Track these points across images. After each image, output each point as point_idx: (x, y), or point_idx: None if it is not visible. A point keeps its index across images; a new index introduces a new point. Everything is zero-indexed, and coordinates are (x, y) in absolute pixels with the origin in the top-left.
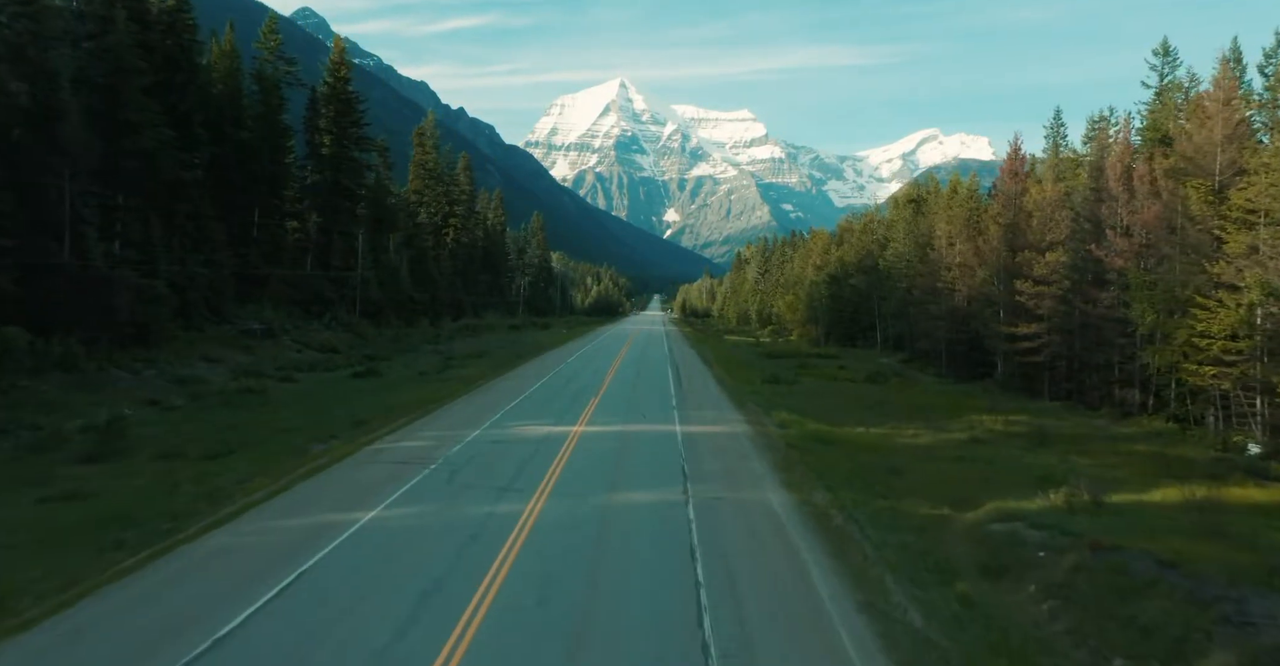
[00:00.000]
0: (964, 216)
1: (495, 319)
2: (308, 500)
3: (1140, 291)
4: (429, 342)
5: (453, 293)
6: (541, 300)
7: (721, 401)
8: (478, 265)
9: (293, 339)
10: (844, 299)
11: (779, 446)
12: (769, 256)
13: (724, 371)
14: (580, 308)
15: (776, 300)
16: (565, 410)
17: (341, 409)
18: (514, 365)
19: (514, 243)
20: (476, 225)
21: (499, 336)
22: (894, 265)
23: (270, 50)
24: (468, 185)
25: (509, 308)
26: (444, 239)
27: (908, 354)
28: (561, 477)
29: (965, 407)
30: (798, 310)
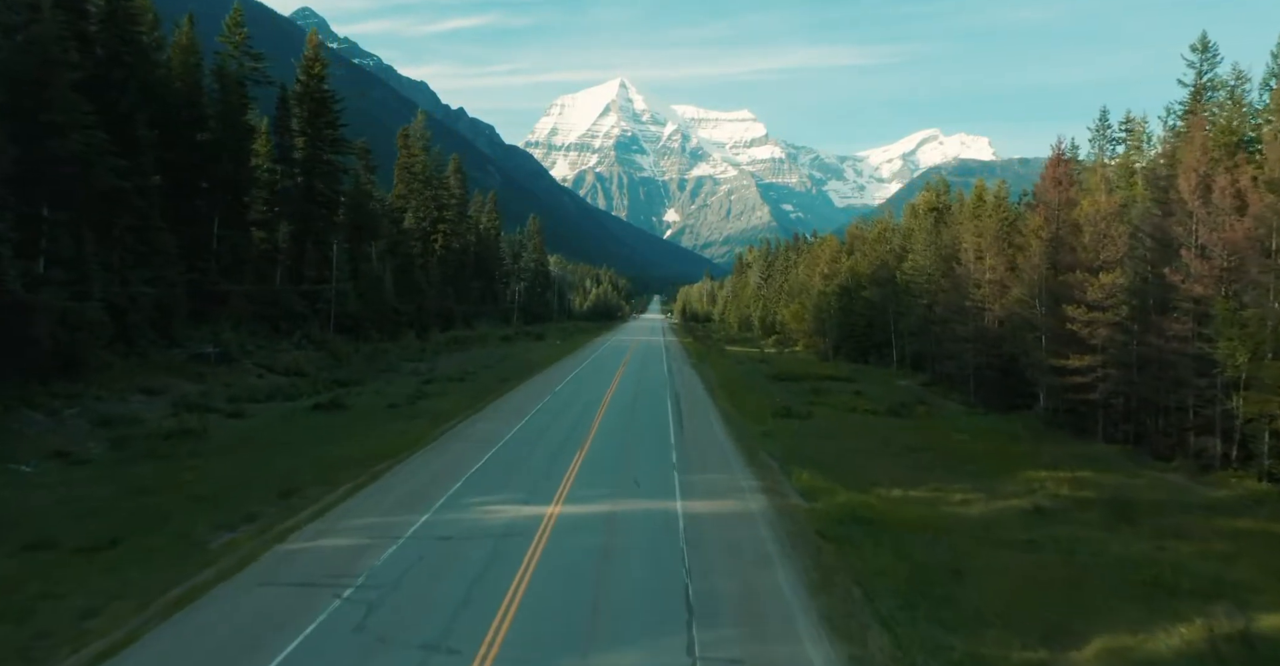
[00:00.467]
0: (995, 228)
1: (488, 328)
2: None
3: (1230, 327)
4: (412, 359)
5: (442, 302)
6: (538, 305)
7: (729, 452)
8: (469, 272)
9: (255, 362)
10: (856, 312)
11: (808, 535)
12: (771, 261)
13: (730, 402)
14: (579, 311)
15: (780, 308)
16: (543, 474)
17: (283, 459)
18: (496, 393)
19: (510, 246)
20: (468, 230)
21: (489, 350)
22: (913, 279)
23: (235, 45)
24: (459, 188)
25: (503, 315)
26: (432, 245)
27: (929, 376)
28: (518, 620)
29: (1011, 455)
30: (804, 320)
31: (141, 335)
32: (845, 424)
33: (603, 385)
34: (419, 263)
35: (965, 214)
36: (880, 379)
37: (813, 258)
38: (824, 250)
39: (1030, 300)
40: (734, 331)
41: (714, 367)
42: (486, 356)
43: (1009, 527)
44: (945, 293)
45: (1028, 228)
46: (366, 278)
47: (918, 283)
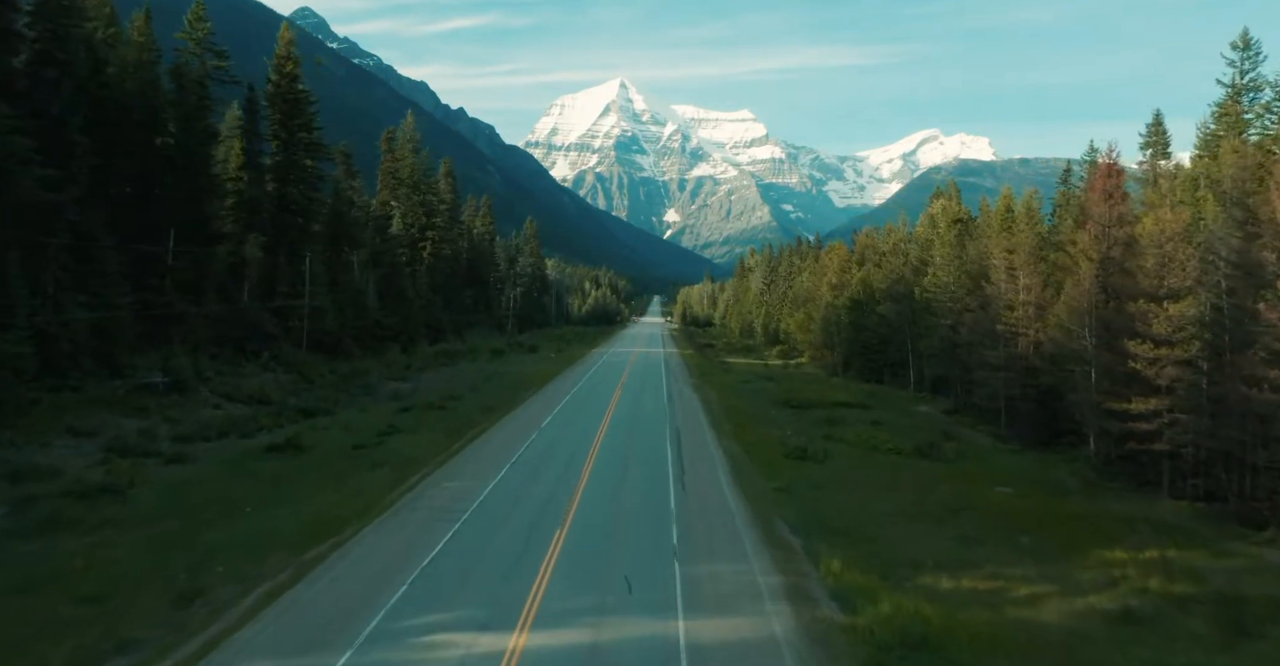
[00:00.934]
0: (1029, 244)
1: (480, 338)
2: None
3: None
4: (395, 377)
5: (430, 312)
6: (535, 310)
7: (740, 521)
8: (461, 279)
9: (213, 389)
10: (868, 328)
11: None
12: (775, 266)
13: (737, 441)
14: (577, 315)
15: (785, 316)
16: (510, 569)
17: (208, 531)
18: (476, 429)
19: (505, 251)
20: (460, 235)
21: (478, 365)
22: (935, 297)
23: (197, 41)
24: (450, 192)
25: (498, 323)
26: (420, 253)
27: (952, 402)
28: None
29: (1069, 519)
30: (811, 332)
31: (77, 366)
32: (868, 469)
33: (595, 419)
34: (407, 271)
35: (993, 227)
36: (898, 404)
37: (820, 266)
38: (832, 259)
39: (1078, 330)
40: (735, 337)
41: (717, 390)
42: (474, 374)
43: (1099, 645)
44: (972, 312)
45: (1075, 248)
46: (347, 290)
47: (940, 301)
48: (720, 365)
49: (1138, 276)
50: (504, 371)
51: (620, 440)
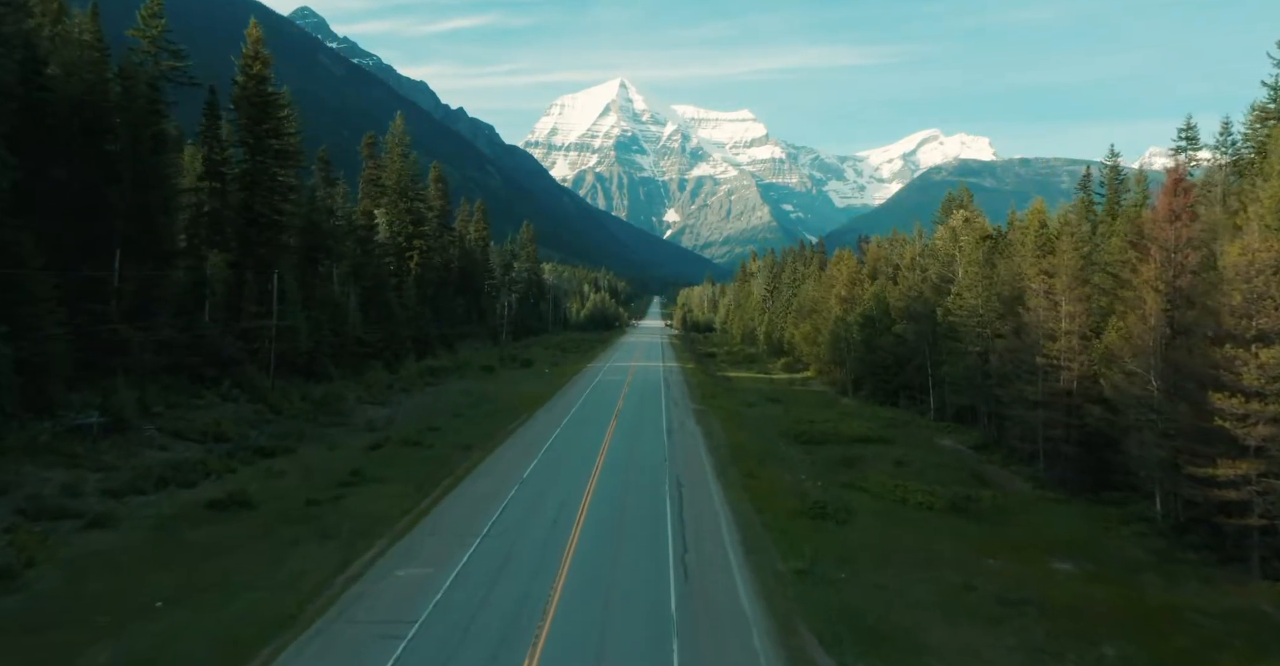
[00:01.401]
0: (1073, 267)
1: (472, 351)
2: None
3: None
4: (374, 399)
5: (419, 325)
6: (532, 317)
7: (759, 638)
8: (452, 289)
9: (161, 427)
10: (883, 348)
11: None
12: (778, 273)
13: (747, 492)
14: (575, 320)
15: (789, 326)
16: None
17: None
18: (449, 476)
19: (500, 257)
20: (451, 243)
21: (466, 384)
22: (961, 322)
23: (151, 38)
24: (440, 198)
25: (491, 333)
26: (408, 264)
27: (980, 435)
28: None
29: (1158, 615)
30: (819, 345)
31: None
32: (898, 530)
33: (585, 465)
34: (393, 282)
35: (1027, 246)
36: (918, 435)
37: (828, 277)
38: (841, 270)
39: (1142, 373)
40: (736, 344)
41: (721, 416)
42: (460, 397)
43: None
44: (1001, 337)
45: (1138, 277)
46: (325, 306)
47: (967, 326)
48: (722, 382)
49: (1220, 315)
50: (492, 393)
51: (613, 498)
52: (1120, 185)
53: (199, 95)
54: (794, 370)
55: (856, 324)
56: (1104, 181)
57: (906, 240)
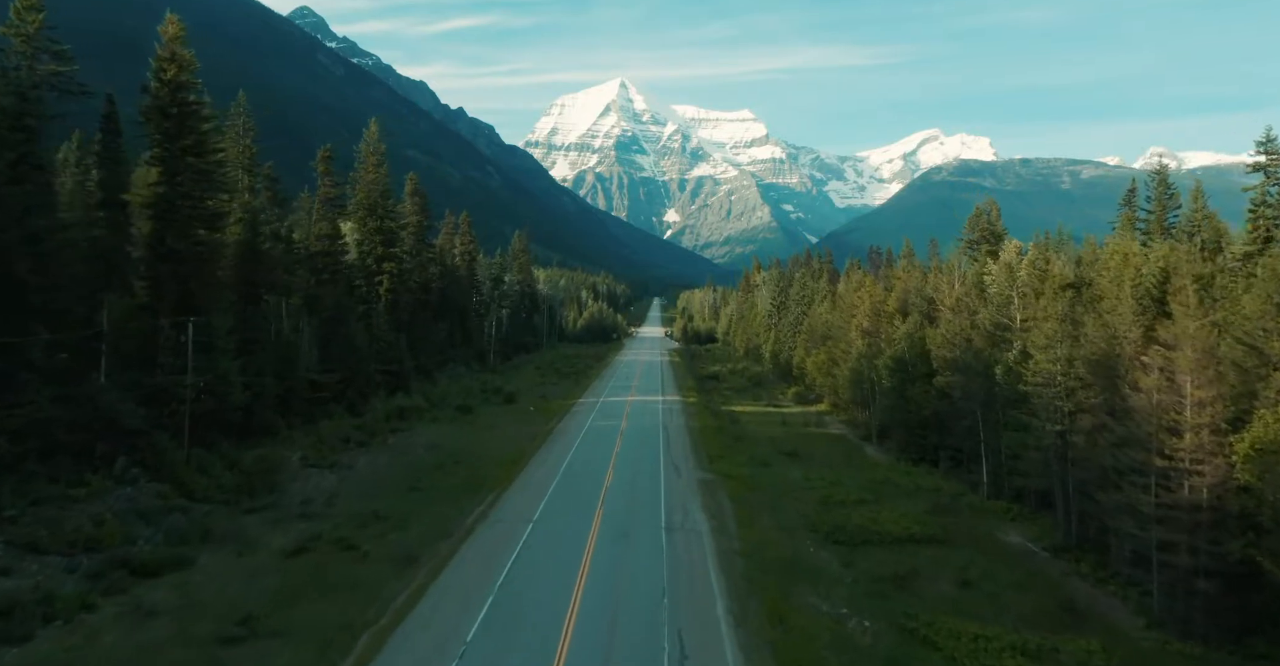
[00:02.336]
0: (1203, 340)
1: (453, 380)
2: None
3: None
4: (323, 459)
5: (391, 356)
6: (525, 332)
7: None
8: (432, 312)
9: (9, 539)
10: (919, 400)
11: None
12: (784, 286)
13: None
14: (572, 331)
15: (799, 348)
16: None
17: None
18: (375, 625)
19: (490, 269)
20: (431, 261)
21: (437, 434)
22: (1036, 391)
23: (24, 37)
24: (417, 214)
25: (478, 354)
26: (378, 289)
27: (1061, 534)
28: None
29: None
30: (835, 377)
31: None
32: None
33: (556, 610)
34: (360, 311)
35: (1124, 300)
36: (977, 527)
37: (846, 305)
38: (862, 298)
39: None
40: (740, 360)
41: (734, 494)
42: (426, 452)
43: None
44: (1088, 410)
45: None
46: (268, 349)
47: (1041, 397)
48: (730, 423)
49: None
50: (463, 449)
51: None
52: (1169, 199)
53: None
54: (806, 400)
55: (886, 368)
56: (1150, 195)
57: (942, 270)
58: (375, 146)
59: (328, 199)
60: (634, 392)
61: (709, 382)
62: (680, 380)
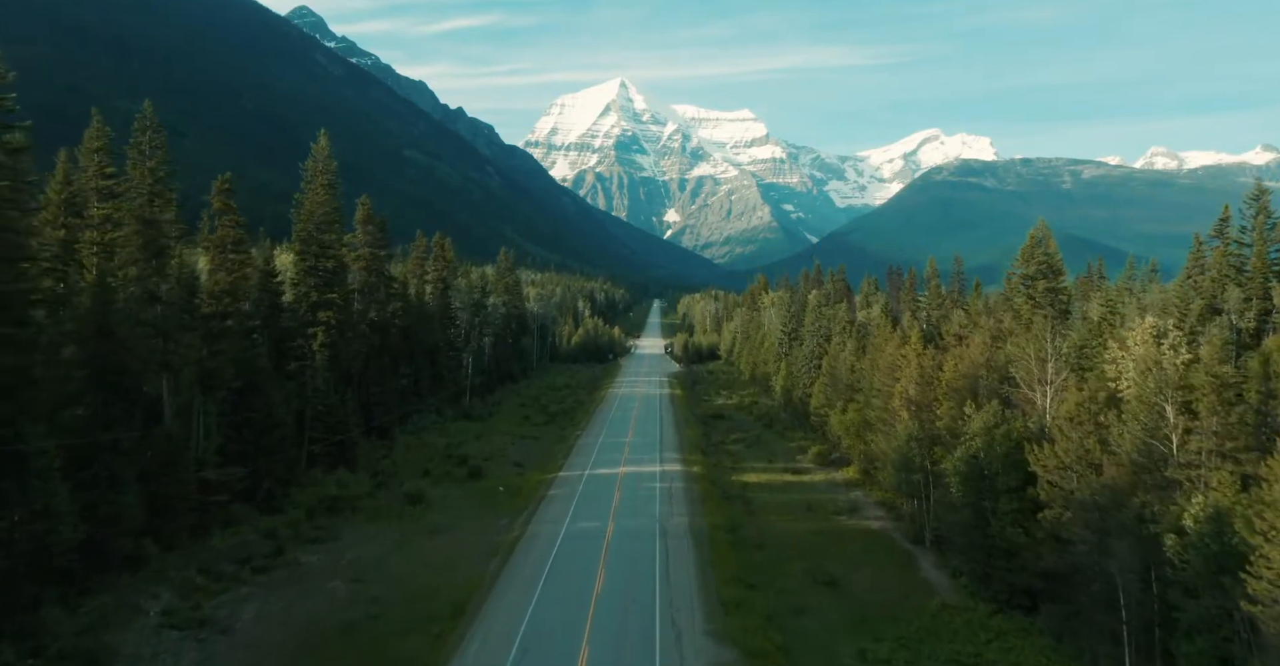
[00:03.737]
0: None
1: (416, 437)
2: None
3: None
4: (188, 615)
5: (332, 422)
6: (511, 359)
7: None
8: (394, 355)
9: None
10: (1003, 523)
11: None
12: (796, 312)
13: None
14: (566, 349)
15: (816, 390)
16: None
17: None
18: None
19: (469, 294)
20: (392, 297)
21: (373, 539)
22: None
23: None
24: (371, 246)
25: (455, 394)
26: (312, 342)
27: None
28: None
29: None
30: (868, 442)
31: None
32: None
33: None
34: (293, 368)
35: None
36: None
37: (885, 359)
38: (908, 359)
39: None
40: (747, 389)
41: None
42: (345, 586)
43: None
44: None
45: None
46: (129, 451)
47: (1226, 554)
48: (744, 511)
49: None
50: (394, 587)
51: None
52: (1270, 231)
53: None
54: (829, 461)
55: (956, 473)
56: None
57: (1038, 356)
58: (325, 163)
59: (224, 245)
60: (626, 458)
61: (715, 423)
62: (681, 427)
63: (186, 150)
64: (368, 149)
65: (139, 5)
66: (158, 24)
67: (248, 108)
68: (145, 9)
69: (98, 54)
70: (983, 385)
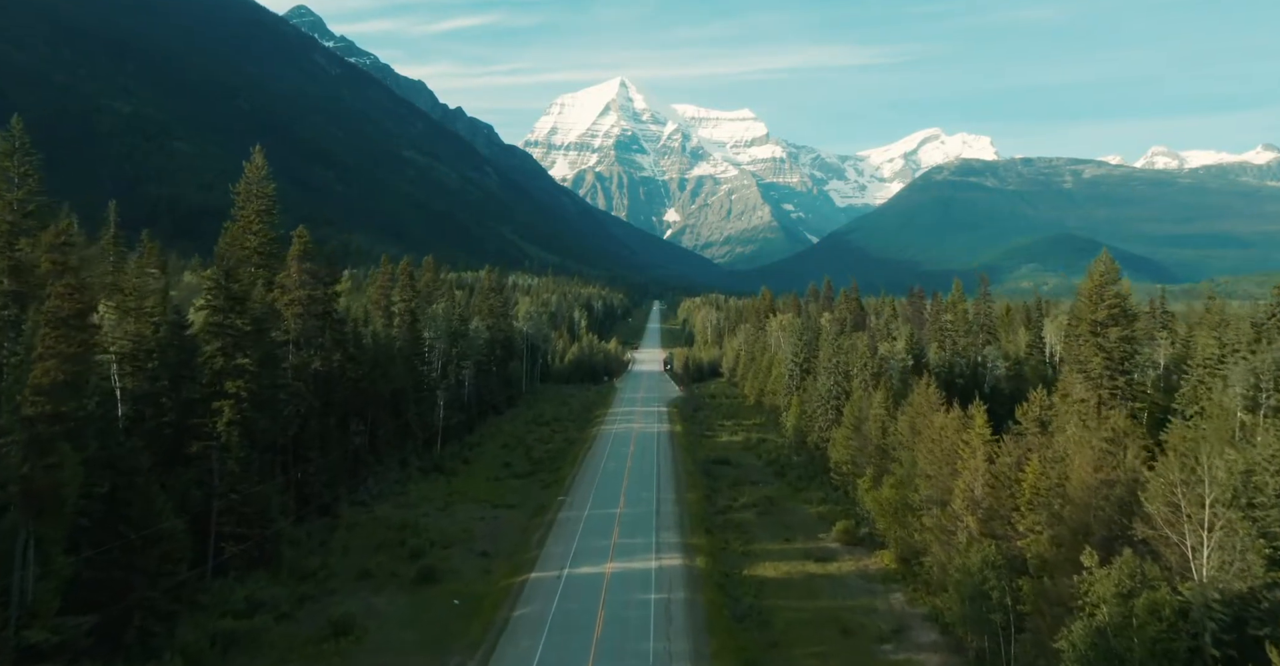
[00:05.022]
0: None
1: (365, 511)
2: None
3: None
4: None
5: (246, 516)
6: (496, 387)
7: None
8: (339, 414)
9: None
10: None
11: None
12: (809, 340)
13: None
14: (559, 367)
15: (836, 441)
16: None
17: None
18: None
19: (447, 322)
20: (340, 344)
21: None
22: None
23: None
24: (308, 288)
25: (426, 442)
26: (215, 421)
27: None
28: None
29: None
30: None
31: None
32: None
33: None
34: (194, 450)
35: None
36: None
37: (944, 449)
38: (972, 450)
39: None
40: (753, 421)
41: None
42: None
43: None
44: None
45: None
46: None
47: None
48: (759, 639)
49: None
50: None
51: None
52: None
53: None
54: (858, 540)
55: (1079, 661)
56: None
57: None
58: (260, 186)
59: (67, 317)
60: (615, 546)
61: (719, 471)
62: (681, 489)
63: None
64: (366, 149)
65: (136, 5)
66: (155, 24)
67: (243, 108)
68: (143, 9)
69: (94, 54)
70: (1096, 516)
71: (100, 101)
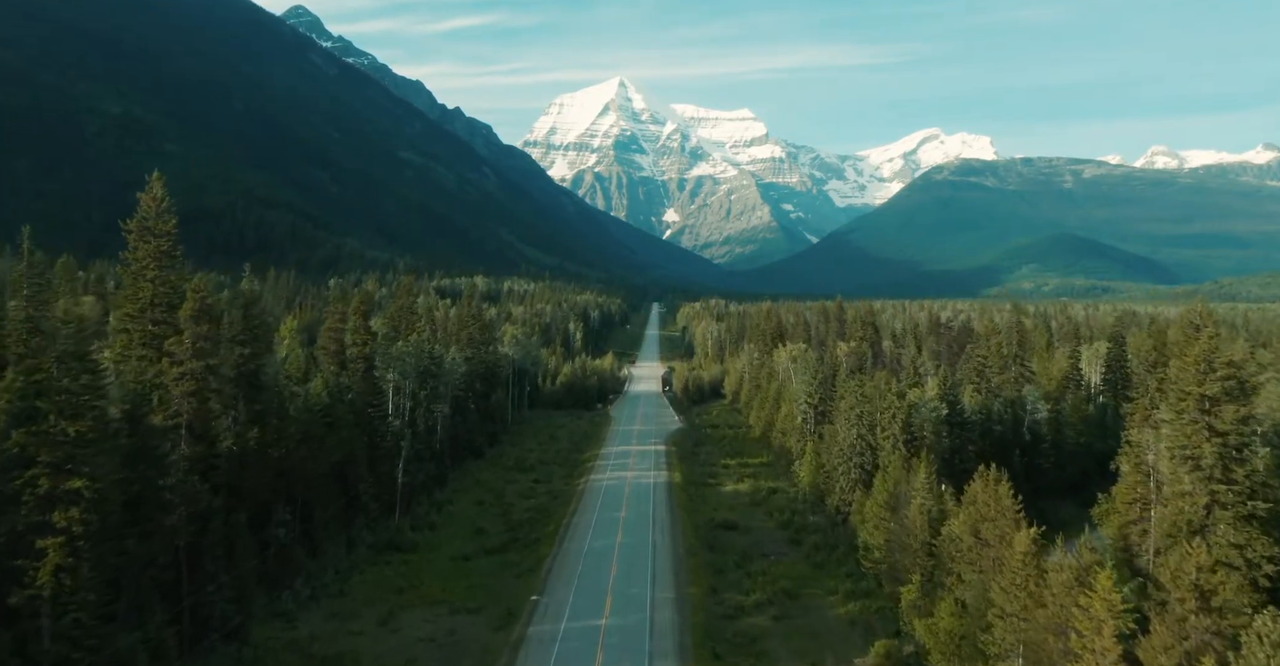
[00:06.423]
0: None
1: (287, 625)
2: None
3: None
4: None
5: None
6: (476, 425)
7: None
8: (252, 509)
9: None
10: None
11: None
12: (826, 379)
13: None
14: (549, 391)
15: (868, 517)
16: None
17: None
18: None
19: (416, 360)
20: (257, 419)
21: None
22: None
23: None
24: (207, 356)
25: (376, 520)
26: (35, 570)
27: None
28: None
29: None
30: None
31: None
32: None
33: None
34: (14, 602)
35: None
36: None
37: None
38: (1094, 616)
39: None
40: (757, 451)
41: None
42: None
43: None
44: None
45: None
46: None
47: None
48: None
49: None
50: None
51: None
52: None
53: None
54: (902, 663)
55: None
56: None
57: None
58: (157, 222)
59: None
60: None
61: (725, 540)
62: (681, 584)
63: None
64: (362, 150)
65: (132, 4)
66: (150, 23)
67: (238, 108)
68: (137, 8)
69: (88, 54)
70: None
71: (91, 102)
